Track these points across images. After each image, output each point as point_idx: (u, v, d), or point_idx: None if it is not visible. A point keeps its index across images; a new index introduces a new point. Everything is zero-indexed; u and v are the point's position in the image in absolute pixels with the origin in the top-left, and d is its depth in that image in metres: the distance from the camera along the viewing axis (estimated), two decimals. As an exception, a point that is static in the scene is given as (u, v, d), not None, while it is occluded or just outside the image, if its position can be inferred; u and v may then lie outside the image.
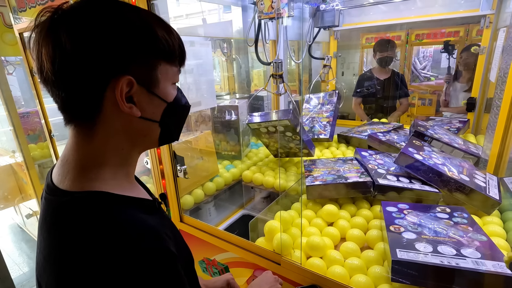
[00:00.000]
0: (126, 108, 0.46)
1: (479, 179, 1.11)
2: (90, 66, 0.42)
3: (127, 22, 0.44)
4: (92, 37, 0.42)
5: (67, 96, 0.44)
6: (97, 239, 0.41)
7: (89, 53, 0.42)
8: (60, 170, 0.49)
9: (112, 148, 0.49)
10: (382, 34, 2.83)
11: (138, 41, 0.45)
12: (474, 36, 2.46)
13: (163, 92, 0.50)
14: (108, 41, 0.42)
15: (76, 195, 0.45)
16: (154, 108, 0.50)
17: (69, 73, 0.42)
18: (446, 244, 0.79)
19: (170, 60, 0.50)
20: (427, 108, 3.02)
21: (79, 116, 0.47)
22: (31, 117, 2.62)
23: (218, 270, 1.27)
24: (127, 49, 0.44)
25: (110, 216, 0.43)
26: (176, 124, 0.56)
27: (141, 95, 0.47)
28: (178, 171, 1.29)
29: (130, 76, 0.44)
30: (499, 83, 1.19)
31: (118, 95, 0.44)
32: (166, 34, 0.48)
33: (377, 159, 1.36)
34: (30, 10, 1.62)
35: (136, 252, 0.41)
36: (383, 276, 0.85)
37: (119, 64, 0.44)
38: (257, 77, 3.04)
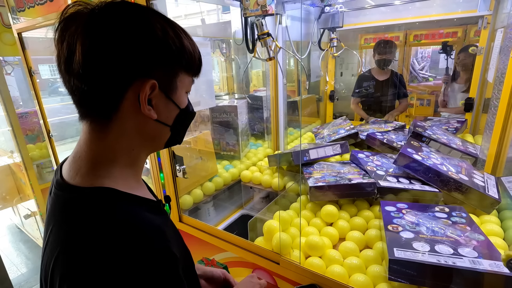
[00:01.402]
0: (146, 110, 0.48)
1: (478, 179, 1.11)
2: (118, 65, 0.44)
3: (160, 30, 0.46)
4: (124, 40, 0.44)
5: (89, 91, 0.45)
6: (102, 236, 0.41)
7: (119, 54, 0.44)
8: (72, 166, 0.50)
9: (124, 147, 0.50)
10: (381, 35, 2.83)
11: (166, 48, 0.47)
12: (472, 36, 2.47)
13: (178, 99, 0.53)
14: (140, 45, 0.45)
15: (86, 191, 0.46)
16: (169, 112, 0.52)
17: (98, 69, 0.44)
18: (443, 243, 0.79)
19: (189, 71, 0.53)
20: (425, 108, 3.03)
21: (96, 112, 0.48)
22: (30, 117, 2.61)
23: (217, 270, 1.27)
24: (156, 55, 0.47)
25: (117, 214, 0.44)
26: (184, 129, 0.60)
27: (160, 99, 0.50)
28: (177, 171, 1.29)
29: (154, 80, 0.47)
30: (497, 83, 1.20)
31: (143, 97, 0.46)
32: (191, 47, 0.51)
33: (374, 161, 1.37)
34: (28, 10, 1.62)
35: (140, 250, 0.42)
36: (382, 275, 0.86)
37: (146, 67, 0.46)
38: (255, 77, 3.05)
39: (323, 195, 1.18)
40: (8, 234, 3.23)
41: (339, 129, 1.91)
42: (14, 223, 3.31)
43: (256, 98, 2.14)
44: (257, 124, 2.21)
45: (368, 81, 2.45)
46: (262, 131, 2.21)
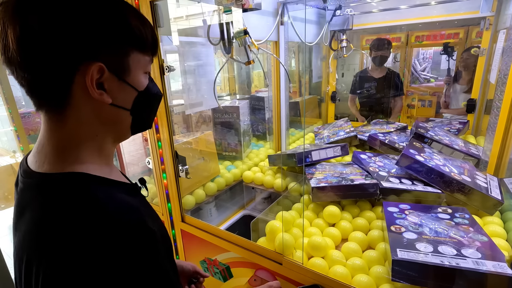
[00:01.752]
0: (96, 95, 0.45)
1: (480, 180, 1.11)
2: (58, 49, 0.41)
3: (100, 8, 0.44)
4: (62, 20, 0.41)
5: (33, 79, 0.43)
6: (78, 217, 0.41)
7: (58, 36, 0.41)
8: (37, 156, 0.49)
9: (86, 133, 0.49)
10: (382, 36, 2.83)
11: (111, 28, 0.45)
12: (474, 38, 2.47)
13: (134, 81, 0.50)
14: (79, 25, 0.42)
15: (56, 176, 0.45)
16: (125, 96, 0.50)
17: (36, 55, 0.41)
18: (446, 244, 0.80)
19: (143, 50, 0.50)
20: (427, 109, 3.03)
21: (48, 100, 0.46)
22: (32, 117, 2.62)
23: (219, 270, 1.28)
24: (99, 35, 0.44)
25: (90, 194, 0.44)
26: (147, 112, 0.57)
27: (112, 83, 0.47)
28: (180, 171, 1.29)
29: (101, 63, 0.44)
30: (499, 84, 1.20)
31: (89, 81, 0.44)
32: (139, 24, 0.48)
33: (376, 162, 1.37)
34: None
35: (115, 226, 0.41)
36: (384, 276, 0.86)
37: (90, 49, 0.43)
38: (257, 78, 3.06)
39: (326, 195, 1.19)
40: (10, 234, 3.24)
41: (339, 131, 1.92)
42: (16, 223, 3.32)
43: (258, 98, 2.14)
44: (259, 125, 2.22)
45: (364, 79, 2.49)
46: (264, 132, 2.21)
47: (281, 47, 1.84)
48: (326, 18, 2.12)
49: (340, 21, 2.10)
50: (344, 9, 2.03)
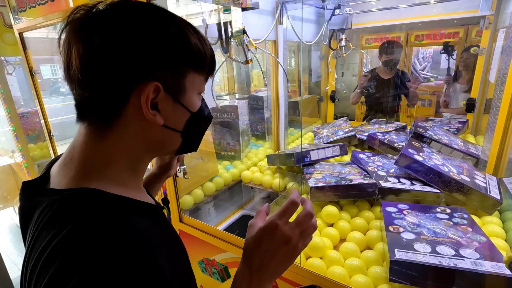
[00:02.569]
0: (150, 115, 0.44)
1: (479, 180, 1.11)
2: (117, 69, 0.41)
3: (159, 27, 0.43)
4: (122, 40, 0.41)
5: (91, 97, 0.43)
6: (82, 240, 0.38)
7: (118, 56, 0.41)
8: (62, 169, 0.46)
9: (123, 152, 0.46)
10: (382, 35, 2.83)
11: (169, 47, 0.44)
12: (474, 37, 2.46)
13: (188, 102, 0.48)
14: (138, 45, 0.41)
15: (65, 193, 0.43)
16: (178, 117, 0.48)
17: (96, 74, 0.41)
18: (445, 244, 0.79)
19: (199, 69, 0.48)
20: (426, 109, 3.02)
21: (98, 116, 0.45)
22: (31, 117, 2.61)
23: (217, 270, 1.27)
24: (157, 54, 0.43)
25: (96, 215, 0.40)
26: (197, 134, 0.55)
27: (167, 103, 0.46)
28: (178, 171, 1.29)
29: (157, 82, 0.43)
30: (499, 83, 1.19)
31: (144, 101, 0.43)
32: (199, 42, 0.46)
33: (375, 161, 1.36)
34: (30, 10, 1.62)
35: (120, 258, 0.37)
36: (382, 276, 0.85)
37: (148, 69, 0.43)
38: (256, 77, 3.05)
39: (324, 195, 1.18)
40: (9, 234, 3.24)
41: (338, 130, 1.91)
42: (15, 223, 3.32)
43: (257, 98, 2.14)
44: (258, 125, 2.21)
45: (371, 80, 2.46)
46: (263, 132, 2.21)
47: (280, 47, 1.84)
48: (325, 17, 2.11)
49: (339, 20, 2.10)
50: (343, 8, 2.02)
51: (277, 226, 0.48)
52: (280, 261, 0.48)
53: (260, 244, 0.48)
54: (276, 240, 0.48)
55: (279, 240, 0.48)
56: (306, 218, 0.50)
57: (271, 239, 0.48)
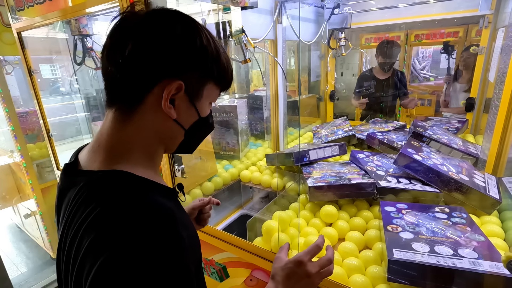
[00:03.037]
0: (166, 107, 0.50)
1: (479, 179, 1.10)
2: (153, 62, 0.48)
3: (200, 39, 0.50)
4: (166, 41, 0.48)
5: (121, 79, 0.49)
6: (115, 215, 0.43)
7: (158, 52, 0.48)
8: (91, 155, 0.53)
9: (142, 141, 0.52)
10: (382, 35, 2.82)
11: (203, 57, 0.51)
12: (473, 36, 2.46)
13: (201, 107, 0.55)
14: (177, 48, 0.48)
15: (101, 173, 0.49)
16: (188, 117, 0.55)
17: (134, 62, 0.48)
18: (443, 244, 0.79)
19: (219, 83, 0.56)
20: (426, 108, 3.02)
21: (123, 100, 0.51)
22: (30, 117, 2.61)
23: (215, 270, 1.27)
24: (191, 59, 0.50)
25: (130, 194, 0.46)
26: (197, 137, 0.61)
27: (183, 102, 0.52)
28: (176, 171, 1.28)
29: (182, 82, 0.49)
30: (498, 83, 1.19)
31: (166, 94, 0.49)
32: (225, 61, 0.55)
33: (374, 161, 1.36)
34: (28, 9, 1.62)
35: (148, 230, 0.42)
36: (381, 276, 0.85)
37: (178, 69, 0.49)
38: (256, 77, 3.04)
39: (323, 195, 1.18)
40: (8, 234, 3.24)
41: (337, 130, 1.91)
42: (14, 223, 3.32)
43: (256, 98, 2.14)
44: (257, 124, 2.21)
45: (369, 81, 2.44)
46: (262, 131, 2.21)
47: (279, 46, 1.84)
48: (325, 16, 2.11)
49: (339, 19, 2.09)
50: (342, 8, 2.01)
51: (303, 262, 0.65)
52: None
53: (288, 274, 0.65)
54: (301, 273, 0.64)
55: (303, 273, 0.64)
56: (326, 262, 0.67)
57: (297, 271, 0.64)
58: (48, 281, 2.50)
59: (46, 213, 2.62)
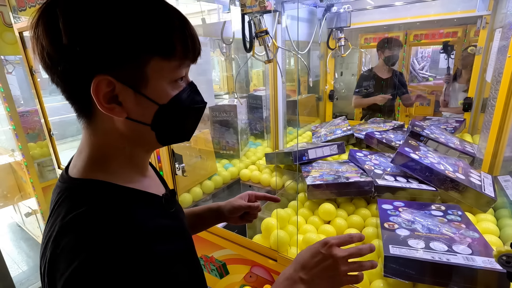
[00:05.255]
0: (105, 108, 0.42)
1: (474, 178, 1.12)
2: (73, 64, 0.40)
3: (108, 14, 0.39)
4: (69, 33, 0.38)
5: (62, 90, 0.44)
6: (80, 223, 0.40)
7: (66, 50, 0.39)
8: (75, 161, 0.50)
9: (114, 145, 0.47)
10: (381, 35, 2.84)
11: (119, 35, 0.39)
12: (472, 36, 2.47)
13: (154, 93, 0.44)
14: (86, 37, 0.38)
15: (74, 181, 0.46)
16: (143, 110, 0.45)
17: (54, 70, 0.41)
18: (438, 240, 0.80)
19: (166, 55, 0.43)
20: (425, 108, 3.04)
21: (80, 110, 0.46)
22: (31, 116, 2.62)
23: (216, 267, 1.29)
24: (106, 46, 0.39)
25: (95, 205, 0.42)
26: (174, 126, 0.49)
27: (127, 95, 0.43)
28: (177, 169, 1.30)
29: (108, 76, 0.40)
30: (494, 83, 1.21)
31: (95, 95, 0.41)
32: (160, 24, 0.41)
33: (372, 160, 1.38)
34: (29, 9, 1.64)
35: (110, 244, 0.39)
36: (378, 272, 0.87)
37: (96, 62, 0.40)
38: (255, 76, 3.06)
39: (321, 193, 1.19)
40: (9, 232, 3.25)
41: (336, 129, 1.93)
42: (15, 221, 3.33)
43: (256, 97, 2.15)
44: (256, 123, 2.22)
45: (370, 80, 2.46)
46: (261, 130, 2.22)
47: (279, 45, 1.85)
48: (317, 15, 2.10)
49: (337, 19, 2.09)
50: (340, 6, 2.00)
51: (329, 242, 0.57)
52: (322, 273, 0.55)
53: (313, 253, 0.57)
54: (326, 253, 0.56)
55: (328, 254, 0.55)
56: (356, 251, 0.57)
57: (322, 250, 0.56)
58: (49, 279, 2.51)
59: (47, 211, 2.62)
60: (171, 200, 0.55)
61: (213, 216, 0.83)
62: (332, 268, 0.55)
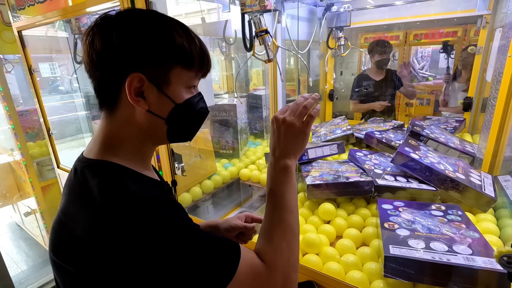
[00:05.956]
0: (133, 100, 0.52)
1: (475, 178, 1.12)
2: (116, 61, 0.51)
3: (148, 29, 0.51)
4: (123, 39, 0.50)
5: (96, 84, 0.55)
6: (102, 198, 0.48)
7: (118, 51, 0.50)
8: (90, 146, 0.58)
9: (127, 135, 0.56)
10: (381, 34, 2.83)
11: (155, 45, 0.51)
12: (472, 36, 2.47)
13: (173, 93, 0.55)
14: (129, 44, 0.50)
15: (93, 161, 0.54)
16: (162, 106, 0.55)
17: (98, 67, 0.52)
18: (438, 240, 0.80)
19: (187, 66, 0.55)
20: (425, 108, 3.03)
21: (105, 101, 0.55)
22: (30, 115, 2.62)
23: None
24: (143, 51, 0.51)
25: (119, 180, 0.51)
26: (183, 124, 0.60)
27: (151, 92, 0.53)
28: (176, 169, 1.30)
29: (140, 74, 0.51)
30: (494, 82, 1.20)
31: (127, 88, 0.51)
32: (185, 42, 0.53)
33: (372, 159, 1.37)
34: (28, 8, 1.63)
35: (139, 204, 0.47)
36: (378, 272, 0.87)
37: (135, 62, 0.51)
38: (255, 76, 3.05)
39: (321, 193, 1.19)
40: (8, 232, 3.25)
41: (336, 129, 1.92)
42: (14, 221, 3.33)
43: (256, 96, 2.15)
44: (256, 123, 2.22)
45: (366, 82, 2.45)
46: (261, 130, 2.22)
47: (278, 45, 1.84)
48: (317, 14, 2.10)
49: (337, 18, 2.09)
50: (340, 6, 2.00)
51: (275, 116, 0.62)
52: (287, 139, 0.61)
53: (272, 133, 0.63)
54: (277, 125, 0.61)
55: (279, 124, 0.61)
56: (294, 105, 0.62)
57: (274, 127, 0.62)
58: (48, 279, 2.51)
59: (46, 211, 2.63)
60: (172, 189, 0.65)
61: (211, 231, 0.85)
62: (291, 128, 0.60)
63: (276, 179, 0.61)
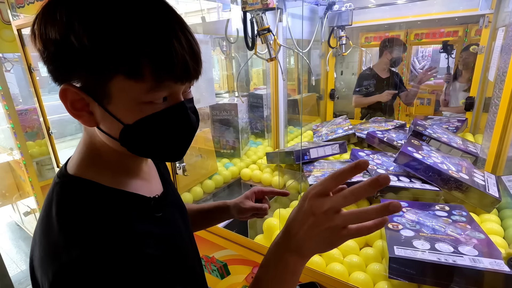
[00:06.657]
0: (74, 115, 0.42)
1: (478, 178, 1.11)
2: (51, 70, 0.41)
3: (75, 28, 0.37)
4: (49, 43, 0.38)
5: None
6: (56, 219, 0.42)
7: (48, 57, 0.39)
8: (73, 155, 0.51)
9: (102, 146, 0.47)
10: (382, 33, 2.83)
11: (85, 46, 0.37)
12: (473, 36, 2.46)
13: (118, 111, 0.41)
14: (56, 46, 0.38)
15: (67, 178, 0.46)
16: (110, 124, 0.43)
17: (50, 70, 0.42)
18: (443, 241, 0.79)
19: (131, 76, 0.38)
20: (425, 107, 3.03)
21: None
22: (29, 114, 2.60)
23: (216, 267, 1.27)
24: (74, 55, 0.37)
25: (74, 201, 0.43)
26: (148, 147, 0.46)
27: (94, 107, 0.41)
28: (177, 168, 1.29)
29: (70, 86, 0.40)
30: (498, 82, 1.20)
31: (62, 101, 0.41)
32: (126, 38, 0.37)
33: (375, 159, 1.37)
34: (28, 6, 1.62)
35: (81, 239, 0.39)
36: (381, 274, 0.86)
37: (64, 70, 0.40)
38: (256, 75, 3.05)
39: (323, 193, 1.18)
40: (7, 231, 3.24)
41: (337, 129, 1.92)
42: (14, 220, 3.31)
43: (256, 96, 2.14)
44: (257, 122, 2.21)
45: (370, 79, 2.45)
46: (262, 129, 2.21)
47: (279, 44, 1.83)
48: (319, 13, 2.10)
49: (339, 17, 2.08)
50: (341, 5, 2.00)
51: (307, 194, 0.43)
52: (309, 232, 0.43)
53: (294, 211, 0.45)
54: (305, 209, 0.43)
55: (307, 210, 0.43)
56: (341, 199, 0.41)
57: (301, 205, 0.44)
58: (48, 278, 2.50)
59: (46, 211, 2.62)
60: (161, 203, 0.52)
61: (221, 214, 0.84)
62: (316, 225, 0.42)
63: (274, 270, 0.48)
